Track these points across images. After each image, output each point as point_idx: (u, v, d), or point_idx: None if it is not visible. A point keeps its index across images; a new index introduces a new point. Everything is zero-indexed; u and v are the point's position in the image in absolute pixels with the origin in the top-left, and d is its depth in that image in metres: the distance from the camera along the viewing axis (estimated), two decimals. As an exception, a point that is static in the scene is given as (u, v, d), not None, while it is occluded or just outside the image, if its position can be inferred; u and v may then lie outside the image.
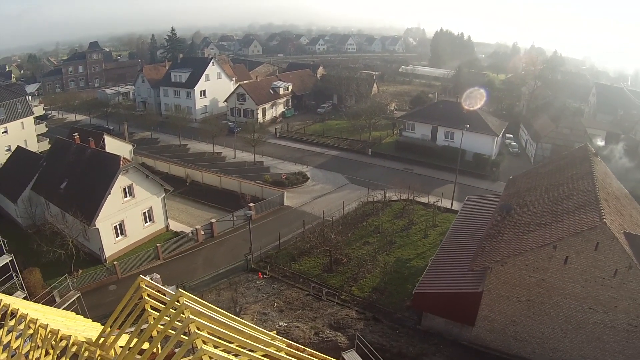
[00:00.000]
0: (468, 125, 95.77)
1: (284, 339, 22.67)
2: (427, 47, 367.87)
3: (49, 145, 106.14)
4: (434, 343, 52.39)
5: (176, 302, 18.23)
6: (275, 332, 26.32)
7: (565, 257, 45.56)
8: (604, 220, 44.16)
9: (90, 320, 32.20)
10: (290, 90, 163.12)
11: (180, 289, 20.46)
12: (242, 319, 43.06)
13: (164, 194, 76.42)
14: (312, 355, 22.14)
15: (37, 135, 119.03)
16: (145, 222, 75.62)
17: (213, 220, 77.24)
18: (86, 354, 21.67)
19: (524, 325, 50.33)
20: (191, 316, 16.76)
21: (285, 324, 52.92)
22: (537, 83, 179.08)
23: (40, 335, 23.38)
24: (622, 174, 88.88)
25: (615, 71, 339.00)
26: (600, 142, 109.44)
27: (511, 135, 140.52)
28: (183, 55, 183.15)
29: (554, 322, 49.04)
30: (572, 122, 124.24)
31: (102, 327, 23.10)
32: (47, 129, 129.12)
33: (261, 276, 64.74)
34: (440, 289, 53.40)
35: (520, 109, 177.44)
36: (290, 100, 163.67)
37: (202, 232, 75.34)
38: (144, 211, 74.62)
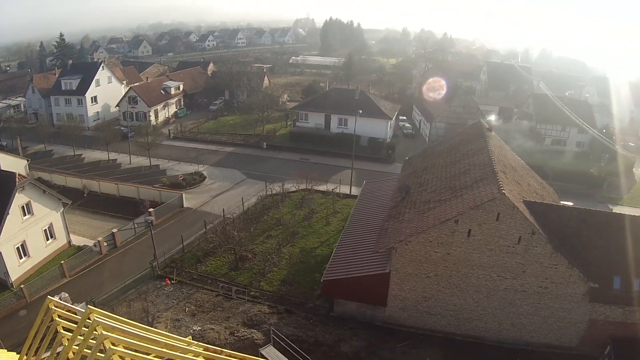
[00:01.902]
0: (361, 111, 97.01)
1: (200, 343, 22.33)
2: (317, 36, 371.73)
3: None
4: (349, 328, 52.77)
5: (87, 320, 17.62)
6: (190, 337, 25.94)
7: (468, 230, 46.79)
8: (503, 191, 45.61)
9: (6, 350, 30.98)
10: (181, 89, 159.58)
11: (90, 306, 19.78)
12: (155, 328, 42.32)
13: (62, 208, 73.73)
14: (230, 356, 21.87)
15: None
16: (47, 239, 71.85)
17: (114, 230, 74.80)
18: (6, 387, 20.89)
19: (435, 299, 51.31)
20: (104, 332, 16.27)
21: (199, 328, 52.01)
22: (427, 65, 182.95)
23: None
24: (517, 146, 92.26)
25: (505, 49, 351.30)
26: (493, 118, 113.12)
27: (404, 118, 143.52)
28: (72, 62, 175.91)
29: (465, 293, 50.32)
30: (464, 101, 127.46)
31: (19, 356, 22.27)
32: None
33: (169, 282, 62.97)
34: (348, 274, 53.45)
35: (412, 91, 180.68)
36: (182, 100, 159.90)
37: (105, 244, 72.91)
38: (44, 228, 70.82)
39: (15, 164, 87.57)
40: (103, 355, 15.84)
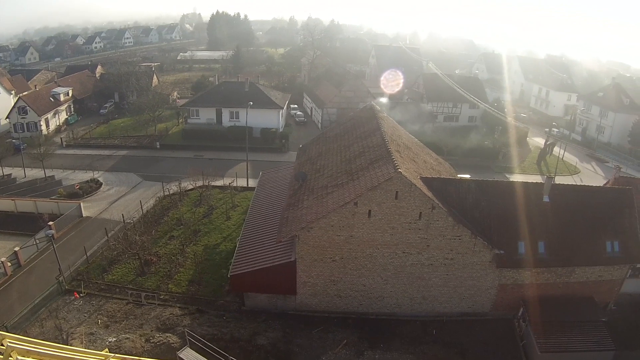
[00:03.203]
0: (252, 103, 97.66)
1: (117, 355, 22.09)
2: (205, 31, 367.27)
3: None
4: (263, 320, 52.83)
5: (1, 346, 17.31)
6: (107, 349, 25.51)
7: (369, 211, 47.38)
8: (399, 169, 46.39)
9: None
10: (70, 95, 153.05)
11: (2, 332, 19.30)
12: (71, 345, 41.58)
13: (-39, 232, 70.82)
14: (149, 363, 21.85)
15: None
16: (-51, 266, 69.38)
17: (17, 249, 71.74)
18: None
19: (344, 282, 51.84)
20: (19, 357, 16.03)
21: (114, 339, 50.47)
22: (316, 52, 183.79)
23: None
24: (410, 125, 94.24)
25: (393, 32, 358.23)
26: (384, 100, 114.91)
27: (296, 106, 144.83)
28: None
29: (372, 272, 51.13)
30: (354, 85, 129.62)
31: None
32: None
33: (77, 296, 60.44)
34: (254, 267, 53.10)
35: (302, 79, 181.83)
36: (72, 106, 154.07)
37: (9, 264, 70.21)
38: (-56, 255, 68.38)
39: None
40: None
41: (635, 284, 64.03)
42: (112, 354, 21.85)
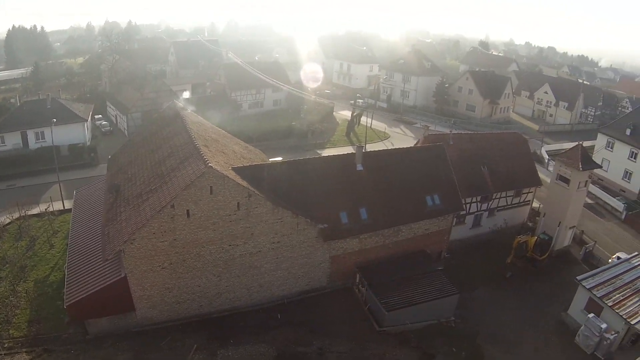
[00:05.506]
0: (55, 120, 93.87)
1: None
2: (1, 49, 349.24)
3: None
4: (110, 344, 51.26)
5: None
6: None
7: (187, 211, 47.20)
8: (209, 164, 46.55)
9: None
10: None
11: None
12: None
13: None
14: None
15: None
16: None
17: None
18: None
19: (179, 287, 51.51)
20: None
21: (-30, 404, 48.24)
22: (115, 57, 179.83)
23: None
24: (214, 118, 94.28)
25: (191, 27, 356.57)
26: (186, 96, 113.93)
27: (100, 116, 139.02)
28: None
29: (204, 271, 51.29)
30: (156, 85, 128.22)
31: None
32: None
33: None
34: (87, 292, 50.88)
35: (103, 87, 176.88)
36: None
37: None
38: None
39: None
40: None
41: (463, 230, 68.65)
42: None
